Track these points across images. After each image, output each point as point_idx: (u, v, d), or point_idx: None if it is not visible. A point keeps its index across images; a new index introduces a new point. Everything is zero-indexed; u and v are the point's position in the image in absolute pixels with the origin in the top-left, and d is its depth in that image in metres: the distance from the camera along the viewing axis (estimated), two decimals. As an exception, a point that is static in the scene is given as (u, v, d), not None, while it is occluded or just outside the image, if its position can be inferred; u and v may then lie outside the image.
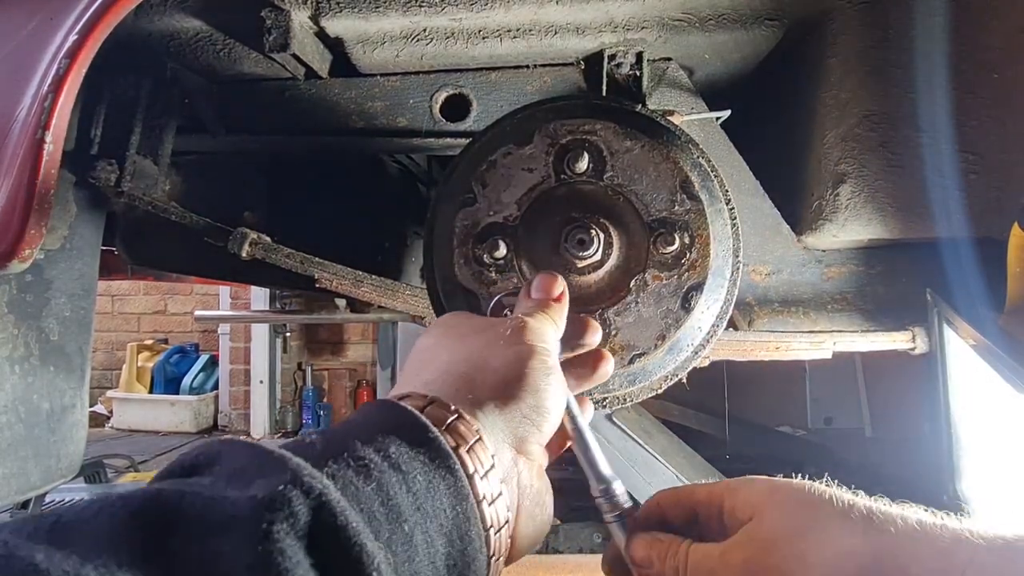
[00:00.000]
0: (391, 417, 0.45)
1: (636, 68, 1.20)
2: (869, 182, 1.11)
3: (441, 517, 0.42)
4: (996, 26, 1.04)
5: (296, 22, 1.10)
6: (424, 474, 0.42)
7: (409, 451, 0.43)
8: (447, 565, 0.41)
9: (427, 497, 0.41)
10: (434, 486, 0.42)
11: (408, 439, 0.44)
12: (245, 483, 0.34)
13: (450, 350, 0.57)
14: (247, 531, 0.31)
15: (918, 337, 1.16)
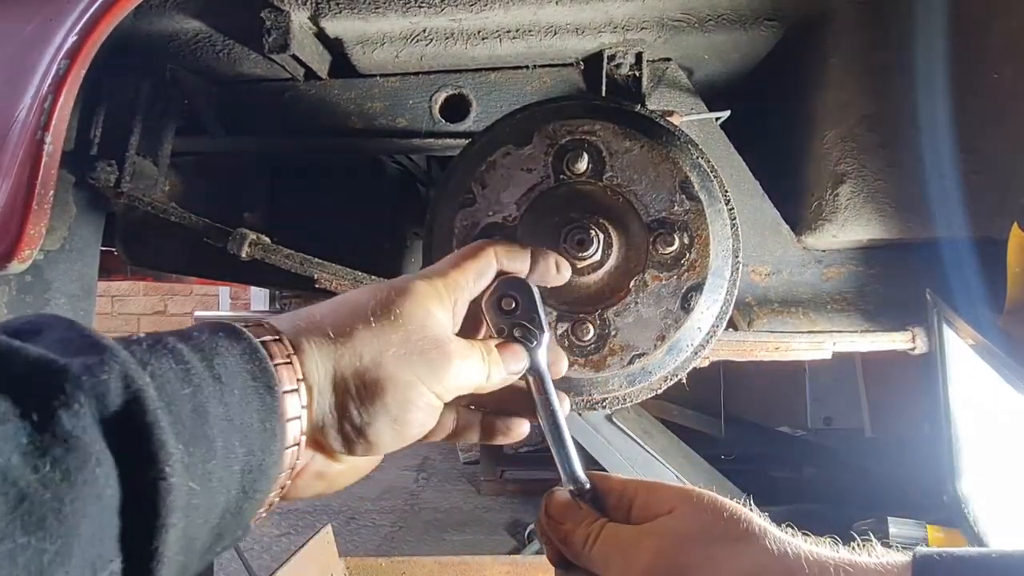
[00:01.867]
0: (224, 331, 0.47)
1: (635, 68, 1.20)
2: (869, 182, 1.11)
3: (247, 430, 0.44)
4: (996, 26, 1.04)
5: (296, 23, 1.10)
6: (241, 388, 0.44)
7: (234, 365, 0.45)
8: (243, 471, 0.43)
9: (239, 410, 0.44)
10: (248, 401, 0.44)
11: (237, 354, 0.46)
12: (68, 355, 0.37)
13: (358, 324, 0.54)
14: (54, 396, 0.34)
15: (918, 337, 1.16)
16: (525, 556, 2.60)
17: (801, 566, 0.48)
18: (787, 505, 2.29)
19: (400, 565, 1.66)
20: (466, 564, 1.64)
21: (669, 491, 0.55)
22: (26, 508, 0.30)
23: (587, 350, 0.91)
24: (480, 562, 1.64)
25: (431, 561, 1.65)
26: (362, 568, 1.66)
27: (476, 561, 1.65)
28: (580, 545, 0.55)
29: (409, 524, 3.40)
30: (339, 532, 1.82)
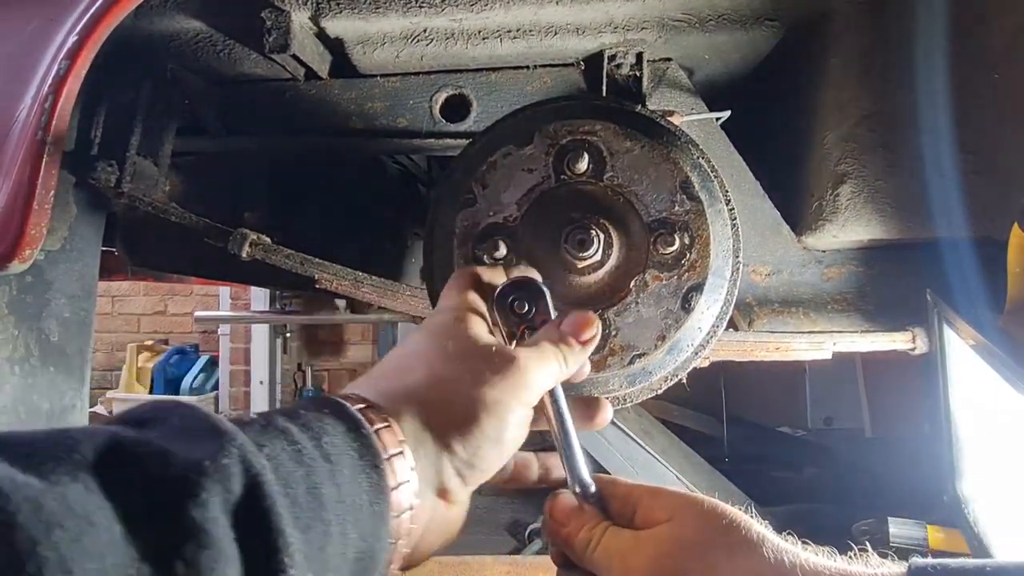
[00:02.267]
0: (328, 407, 0.47)
1: (636, 68, 1.20)
2: (869, 182, 1.11)
3: (358, 512, 0.43)
4: (996, 26, 1.04)
5: (296, 23, 1.10)
6: (351, 468, 0.44)
7: (341, 443, 0.44)
8: (356, 558, 0.43)
9: (349, 491, 0.43)
10: (358, 482, 0.44)
11: (342, 432, 0.45)
12: (190, 442, 0.36)
13: (426, 369, 0.55)
14: (184, 488, 0.33)
15: (918, 337, 1.16)
16: (525, 556, 2.60)
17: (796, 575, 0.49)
18: (787, 505, 2.29)
19: (400, 565, 1.65)
20: (466, 564, 1.64)
21: (671, 497, 0.56)
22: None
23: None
24: (480, 562, 1.64)
25: (431, 561, 1.65)
26: (362, 568, 1.66)
27: (476, 561, 1.64)
28: (582, 548, 0.56)
29: (409, 524, 3.39)
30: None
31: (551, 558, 0.60)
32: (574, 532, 0.57)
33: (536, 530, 2.90)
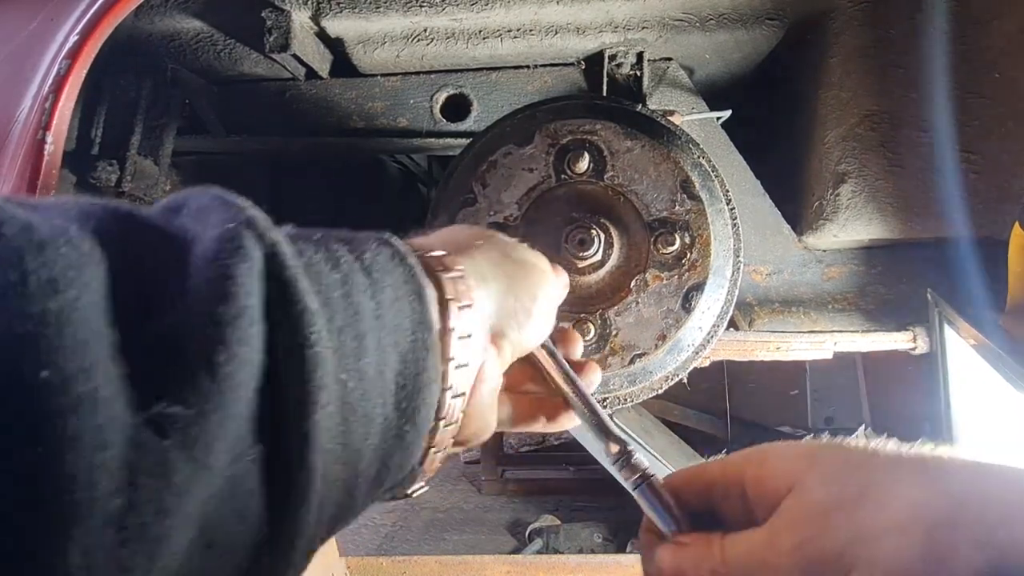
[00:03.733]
0: (374, 236, 0.42)
1: (636, 68, 1.20)
2: (870, 182, 1.11)
3: (398, 334, 0.38)
4: (996, 26, 1.04)
5: (297, 23, 1.10)
6: (393, 288, 0.39)
7: (386, 263, 0.39)
8: (397, 383, 0.37)
9: (389, 310, 0.38)
10: (400, 304, 0.39)
11: (387, 254, 0.40)
12: (203, 216, 0.32)
13: (486, 240, 0.52)
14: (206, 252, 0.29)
15: (919, 337, 1.16)
16: (525, 556, 2.60)
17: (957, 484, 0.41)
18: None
19: (400, 565, 1.66)
20: (466, 564, 1.64)
21: (782, 458, 0.45)
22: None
23: (588, 350, 0.91)
24: (480, 562, 1.64)
25: (431, 561, 1.65)
26: (362, 568, 1.66)
27: (476, 561, 1.65)
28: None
29: (409, 524, 3.40)
30: (339, 532, 1.82)
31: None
32: (694, 575, 0.46)
33: (536, 530, 2.90)
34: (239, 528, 0.28)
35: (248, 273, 0.29)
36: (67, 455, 0.21)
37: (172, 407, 0.24)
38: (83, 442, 0.21)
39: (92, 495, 0.21)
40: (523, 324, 0.50)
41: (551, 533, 2.83)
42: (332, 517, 0.34)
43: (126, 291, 0.25)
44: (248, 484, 0.28)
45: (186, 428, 0.25)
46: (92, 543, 0.21)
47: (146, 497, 0.23)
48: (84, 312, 0.23)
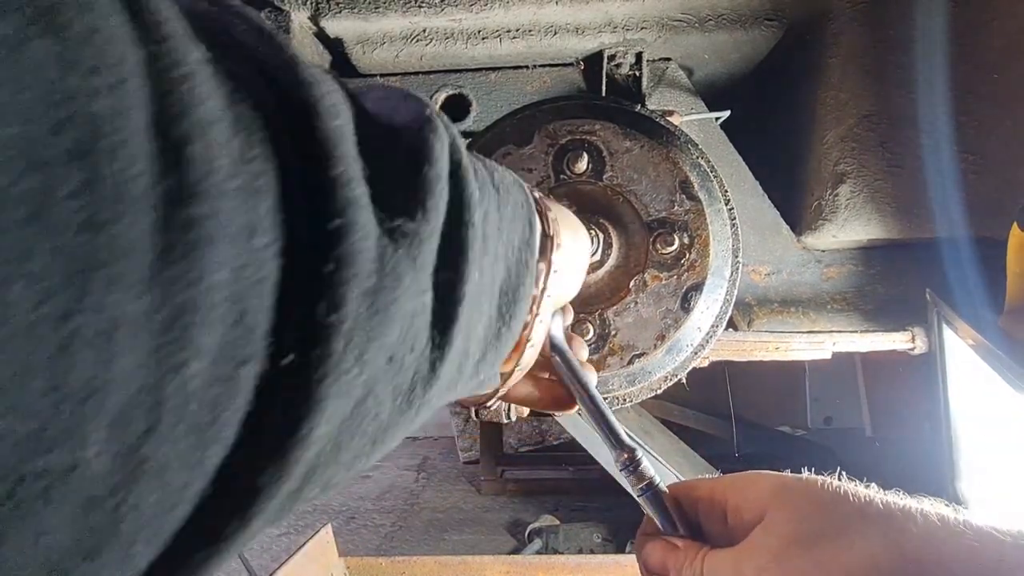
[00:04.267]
0: (499, 166, 0.46)
1: (636, 68, 1.20)
2: (868, 182, 1.11)
3: (508, 248, 0.42)
4: (996, 26, 1.04)
5: (296, 23, 1.10)
6: (513, 208, 0.43)
7: (511, 185, 0.44)
8: (501, 289, 0.42)
9: (508, 226, 0.42)
10: (515, 224, 0.43)
11: (512, 178, 0.45)
12: (392, 107, 0.36)
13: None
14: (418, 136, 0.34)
15: (918, 337, 1.16)
16: (525, 556, 2.60)
17: (916, 541, 0.42)
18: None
19: (400, 565, 1.66)
20: (466, 564, 1.64)
21: (757, 489, 0.49)
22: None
23: (587, 350, 0.91)
24: (480, 562, 1.64)
25: (431, 561, 1.65)
26: (362, 568, 1.66)
27: (476, 561, 1.65)
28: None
29: (409, 524, 3.40)
30: (339, 532, 1.82)
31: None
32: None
33: (536, 530, 2.90)
34: (408, 355, 0.32)
35: (442, 149, 0.34)
36: (348, 236, 0.26)
37: (406, 223, 0.30)
38: (357, 228, 0.27)
39: (360, 268, 0.27)
40: (572, 277, 0.54)
41: (550, 533, 2.83)
42: (448, 385, 0.38)
43: (362, 134, 0.30)
44: (420, 322, 0.32)
45: (411, 244, 0.30)
46: (358, 302, 0.27)
47: (388, 285, 0.28)
48: (351, 137, 0.29)
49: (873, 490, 0.46)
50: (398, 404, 0.33)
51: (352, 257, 0.26)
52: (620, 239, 0.91)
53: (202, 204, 0.22)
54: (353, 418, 0.29)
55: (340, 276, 0.26)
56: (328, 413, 0.27)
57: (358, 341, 0.27)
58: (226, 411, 0.24)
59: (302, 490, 0.29)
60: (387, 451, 0.35)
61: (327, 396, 0.26)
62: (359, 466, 0.33)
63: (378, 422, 0.32)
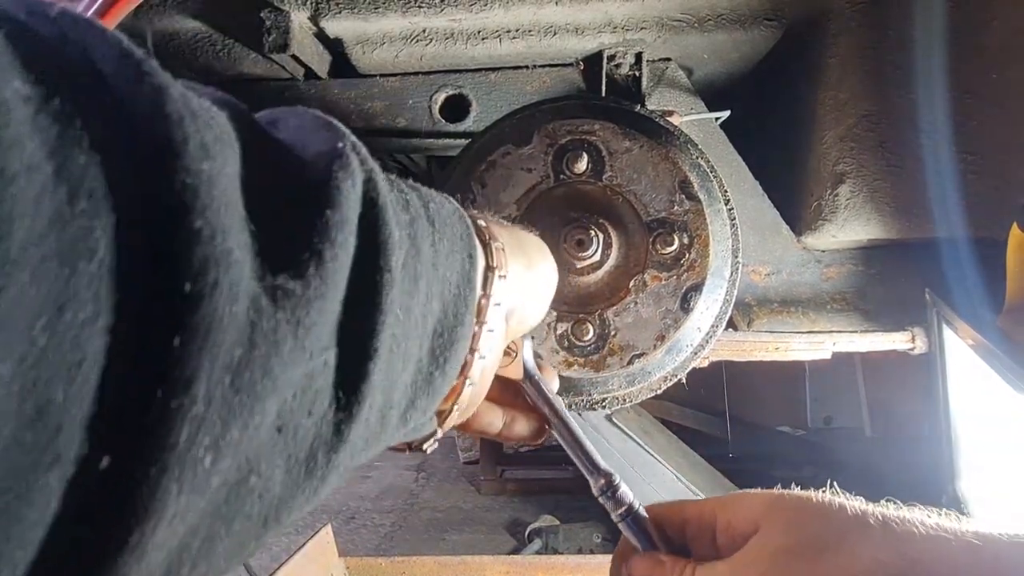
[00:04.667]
0: (435, 191, 0.43)
1: (635, 68, 1.20)
2: (868, 182, 1.11)
3: (445, 286, 0.40)
4: (996, 26, 1.04)
5: (296, 23, 1.10)
6: (450, 242, 0.40)
7: (448, 217, 0.41)
8: (435, 330, 0.39)
9: (443, 262, 0.39)
10: (452, 259, 0.41)
11: (450, 209, 0.42)
12: (310, 135, 0.34)
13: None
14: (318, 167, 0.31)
15: (917, 337, 1.16)
16: (524, 556, 2.60)
17: (917, 546, 0.42)
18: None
19: (400, 565, 1.66)
20: (466, 564, 1.64)
21: (749, 505, 0.49)
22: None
23: (587, 350, 0.91)
24: (480, 562, 1.64)
25: (431, 561, 1.65)
26: (362, 568, 1.66)
27: (476, 561, 1.65)
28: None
29: (409, 524, 3.40)
30: (339, 532, 1.82)
31: None
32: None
33: (536, 530, 2.90)
34: (305, 420, 0.29)
35: (352, 188, 0.31)
36: (207, 300, 0.23)
37: (289, 282, 0.26)
38: (221, 291, 0.23)
39: (221, 338, 0.23)
40: (532, 305, 0.52)
41: (550, 533, 2.83)
42: (364, 442, 0.35)
43: (249, 174, 0.27)
44: (320, 383, 0.29)
45: (296, 306, 0.27)
46: (216, 379, 0.23)
47: (259, 356, 0.25)
48: (227, 181, 0.25)
49: (866, 503, 0.47)
50: (294, 476, 0.29)
51: (209, 327, 0.23)
52: (620, 239, 0.91)
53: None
54: (229, 503, 0.26)
55: (189, 350, 0.22)
56: (168, 515, 0.23)
57: (212, 425, 0.23)
58: (16, 526, 0.19)
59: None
60: (287, 526, 0.32)
61: (166, 495, 0.22)
62: (249, 550, 0.30)
63: (267, 500, 0.28)
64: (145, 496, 0.22)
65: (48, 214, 0.19)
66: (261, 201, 0.26)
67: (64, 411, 0.20)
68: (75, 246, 0.20)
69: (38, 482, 0.20)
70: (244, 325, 0.24)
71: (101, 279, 0.21)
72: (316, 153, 0.32)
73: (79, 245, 0.20)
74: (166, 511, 0.22)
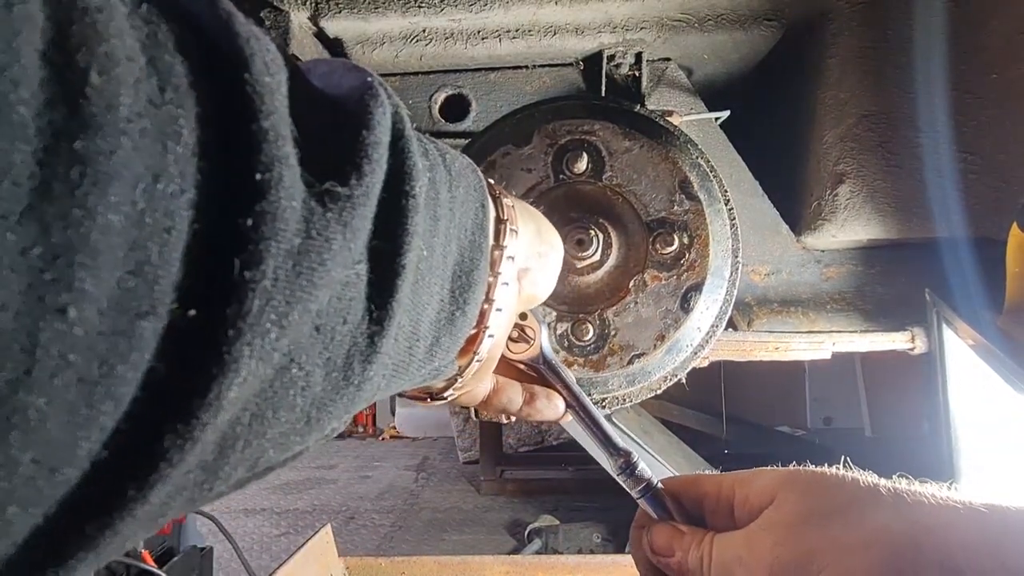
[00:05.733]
0: (450, 149, 0.45)
1: (635, 68, 1.20)
2: (868, 182, 1.11)
3: (461, 231, 0.41)
4: (995, 26, 1.04)
5: (295, 23, 1.10)
6: (465, 190, 0.42)
7: (463, 167, 0.43)
8: (453, 271, 0.40)
9: (459, 208, 0.41)
10: (467, 206, 0.42)
11: (464, 161, 0.44)
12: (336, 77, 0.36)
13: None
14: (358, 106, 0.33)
15: (917, 337, 1.16)
16: (524, 556, 2.60)
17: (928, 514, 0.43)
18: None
19: (400, 565, 1.66)
20: (466, 564, 1.64)
21: (765, 479, 0.51)
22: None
23: (587, 350, 0.91)
24: (480, 562, 1.64)
25: (431, 561, 1.65)
26: (362, 568, 1.66)
27: (476, 561, 1.64)
28: (697, 571, 0.50)
29: (409, 524, 3.41)
30: (339, 532, 1.82)
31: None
32: (683, 558, 0.51)
33: (535, 530, 2.90)
34: (340, 327, 0.31)
35: (384, 116, 0.33)
36: (273, 191, 0.25)
37: (336, 187, 0.29)
38: (284, 185, 0.26)
39: (284, 226, 0.26)
40: (541, 272, 0.53)
41: (550, 533, 2.83)
42: (395, 366, 0.37)
43: (292, 98, 0.29)
44: (352, 292, 0.31)
45: (343, 208, 0.29)
46: (280, 261, 0.26)
47: (315, 247, 0.27)
48: (281, 98, 0.27)
49: (878, 477, 0.48)
50: (333, 378, 0.31)
51: (275, 214, 0.25)
52: (619, 239, 0.91)
53: (96, 140, 0.20)
54: (275, 388, 0.28)
55: (260, 232, 0.25)
56: (242, 376, 0.25)
57: (278, 302, 0.26)
58: (120, 365, 0.22)
59: (220, 464, 0.27)
60: (328, 432, 0.34)
61: (240, 356, 0.25)
62: (294, 447, 0.32)
63: (309, 395, 0.30)
64: (223, 355, 0.24)
65: (144, 97, 0.22)
66: (303, 122, 0.29)
67: (158, 268, 0.23)
68: (165, 128, 0.22)
69: (138, 326, 0.22)
70: (300, 219, 0.27)
71: (187, 160, 0.23)
72: (349, 87, 0.34)
73: (168, 128, 0.23)
74: (239, 373, 0.25)
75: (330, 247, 0.28)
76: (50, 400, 0.20)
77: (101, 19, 0.21)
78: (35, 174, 0.19)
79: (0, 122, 0.18)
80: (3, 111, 0.18)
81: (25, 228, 0.19)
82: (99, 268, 0.21)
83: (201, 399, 0.24)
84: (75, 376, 0.21)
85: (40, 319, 0.20)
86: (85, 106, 0.20)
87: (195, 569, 2.13)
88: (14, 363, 0.19)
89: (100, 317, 0.21)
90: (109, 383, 0.22)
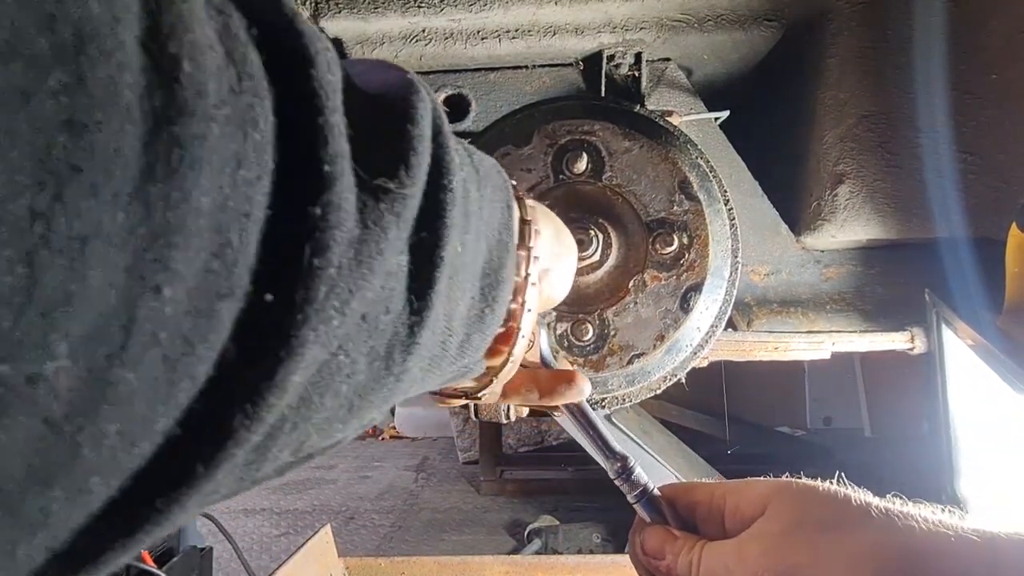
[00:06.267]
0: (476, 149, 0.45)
1: (635, 69, 1.20)
2: (868, 182, 1.11)
3: (489, 229, 0.42)
4: (995, 26, 1.04)
5: (295, 23, 1.10)
6: (492, 190, 0.43)
7: (490, 168, 0.44)
8: (483, 269, 0.41)
9: (487, 207, 0.41)
10: (494, 206, 0.42)
11: (490, 162, 0.45)
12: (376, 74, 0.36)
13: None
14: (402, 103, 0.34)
15: (917, 337, 1.16)
16: (524, 556, 2.60)
17: (918, 537, 0.44)
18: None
19: (400, 565, 1.66)
20: (466, 564, 1.64)
21: (757, 489, 0.51)
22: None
23: (586, 350, 0.91)
24: (480, 562, 1.64)
25: (431, 561, 1.65)
26: (362, 568, 1.66)
27: (476, 561, 1.64)
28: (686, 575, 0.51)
29: (408, 524, 3.40)
30: (338, 532, 1.82)
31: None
32: (672, 562, 0.52)
33: (535, 530, 2.90)
34: (383, 316, 0.31)
35: (426, 111, 0.34)
36: (338, 182, 0.26)
37: (387, 183, 0.30)
38: (346, 178, 0.27)
39: (346, 216, 0.27)
40: (559, 273, 0.54)
41: (550, 533, 2.83)
42: (431, 359, 0.37)
43: (346, 96, 0.30)
44: (394, 283, 0.32)
45: (394, 201, 0.30)
46: (343, 249, 0.27)
47: (372, 237, 0.28)
48: (339, 91, 0.29)
49: (871, 495, 0.48)
50: (375, 367, 0.32)
51: (339, 204, 0.26)
52: (619, 239, 0.91)
53: (191, 124, 0.21)
54: (322, 374, 0.29)
55: (328, 220, 0.26)
56: (307, 360, 0.26)
57: (341, 289, 0.27)
58: (201, 345, 0.23)
59: (269, 445, 0.28)
60: (366, 423, 0.34)
61: (307, 342, 0.25)
62: (336, 434, 0.32)
63: (353, 383, 0.31)
64: (291, 339, 0.25)
65: (227, 85, 0.23)
66: (352, 117, 0.29)
67: (238, 252, 0.23)
68: (245, 116, 0.23)
69: (217, 307, 0.23)
70: (357, 211, 0.28)
71: (264, 148, 0.24)
72: (390, 83, 0.35)
73: (247, 116, 0.23)
74: (304, 357, 0.25)
75: (386, 236, 0.29)
76: (138, 375, 0.21)
77: (186, 8, 0.22)
78: (140, 156, 0.20)
79: (111, 105, 0.19)
80: (113, 94, 0.19)
81: (133, 208, 0.20)
82: (190, 249, 0.21)
83: (268, 381, 0.25)
84: (161, 353, 0.22)
85: (139, 296, 0.20)
86: (179, 91, 0.21)
87: (195, 569, 2.13)
88: (112, 338, 0.20)
89: (187, 297, 0.22)
90: (189, 361, 0.22)
